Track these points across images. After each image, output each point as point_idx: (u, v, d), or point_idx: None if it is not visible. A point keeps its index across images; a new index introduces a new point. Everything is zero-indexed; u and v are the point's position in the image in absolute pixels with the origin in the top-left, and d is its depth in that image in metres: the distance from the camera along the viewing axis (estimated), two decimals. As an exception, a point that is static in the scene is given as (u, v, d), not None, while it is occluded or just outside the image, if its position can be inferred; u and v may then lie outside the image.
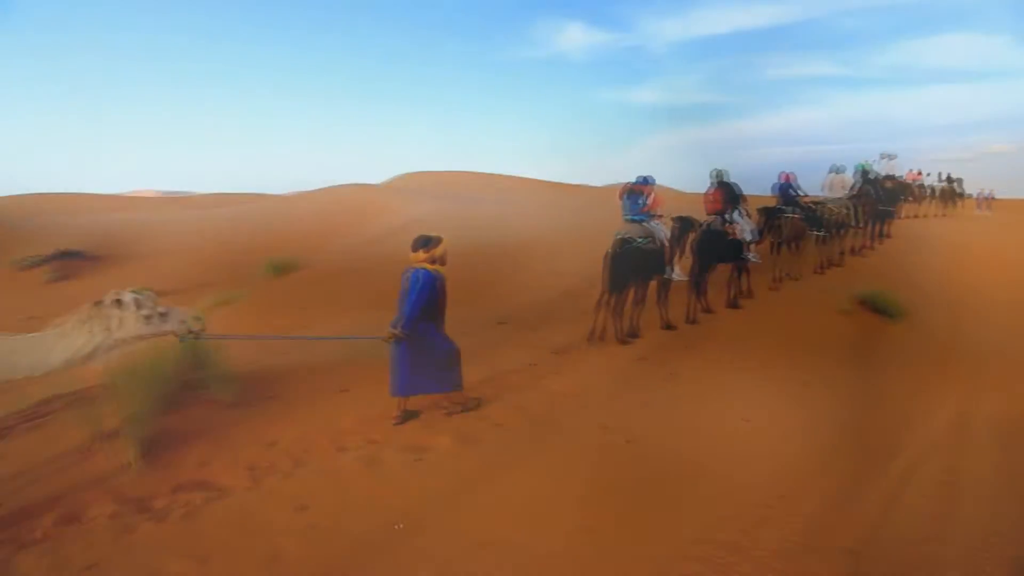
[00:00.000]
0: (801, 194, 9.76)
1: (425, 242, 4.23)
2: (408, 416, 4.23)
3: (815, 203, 10.15)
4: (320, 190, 27.99)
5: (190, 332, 3.20)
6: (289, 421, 4.20)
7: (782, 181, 9.68)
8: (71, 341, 2.91)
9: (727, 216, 7.95)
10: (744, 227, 8.19)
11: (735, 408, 4.80)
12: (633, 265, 6.59)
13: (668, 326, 7.24)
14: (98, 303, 2.97)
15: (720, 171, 8.09)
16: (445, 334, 4.34)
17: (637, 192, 7.04)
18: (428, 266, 4.21)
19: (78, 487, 3.35)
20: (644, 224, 6.95)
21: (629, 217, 7.05)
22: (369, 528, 2.89)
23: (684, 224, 7.55)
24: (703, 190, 8.47)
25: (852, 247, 11.23)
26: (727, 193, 7.98)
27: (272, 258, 14.37)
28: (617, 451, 3.83)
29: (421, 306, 4.07)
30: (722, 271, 8.22)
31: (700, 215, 8.52)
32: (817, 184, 10.76)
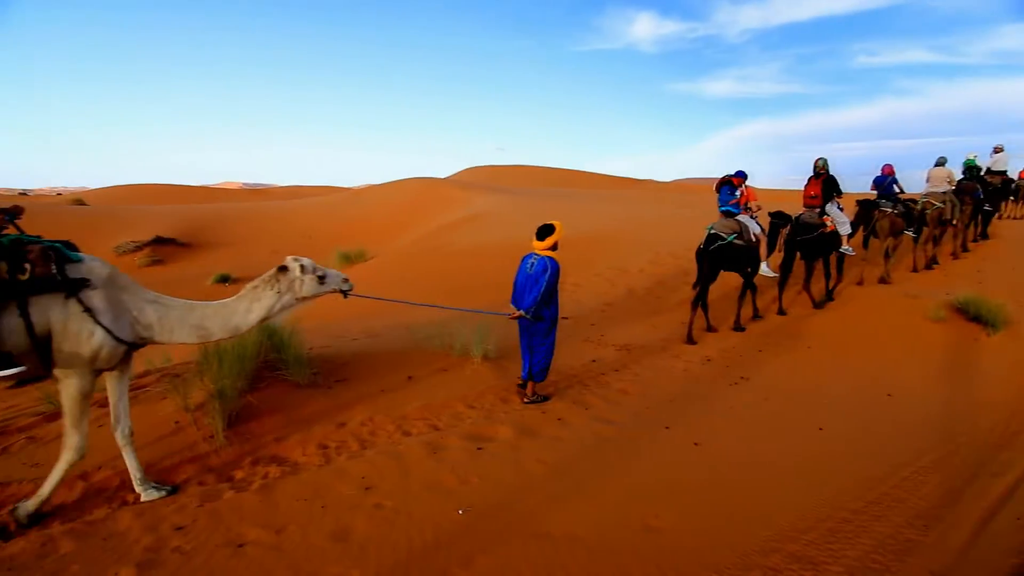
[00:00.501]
0: (901, 190, 9.12)
1: (547, 231, 4.48)
2: (540, 400, 4.56)
3: (913, 200, 9.44)
4: (388, 183, 28.96)
5: (344, 291, 3.64)
6: (357, 404, 4.37)
7: (884, 174, 9.07)
8: (264, 302, 3.38)
9: (824, 209, 7.74)
10: (840, 220, 7.93)
11: (809, 415, 4.55)
12: (724, 260, 6.70)
13: (739, 327, 7.19)
14: (282, 268, 3.40)
15: (825, 161, 7.79)
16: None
17: (731, 183, 7.08)
18: (550, 253, 4.49)
19: (171, 455, 3.64)
20: (737, 218, 6.95)
21: (723, 209, 7.06)
22: (432, 512, 2.96)
23: (780, 219, 7.52)
24: (777, 186, 8.10)
25: (952, 249, 10.34)
26: (827, 186, 7.73)
27: (342, 248, 15.08)
28: (681, 452, 3.72)
29: (546, 290, 4.35)
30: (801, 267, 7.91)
31: (780, 210, 8.16)
32: (913, 181, 9.90)
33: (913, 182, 9.41)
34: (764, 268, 7.20)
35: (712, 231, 6.77)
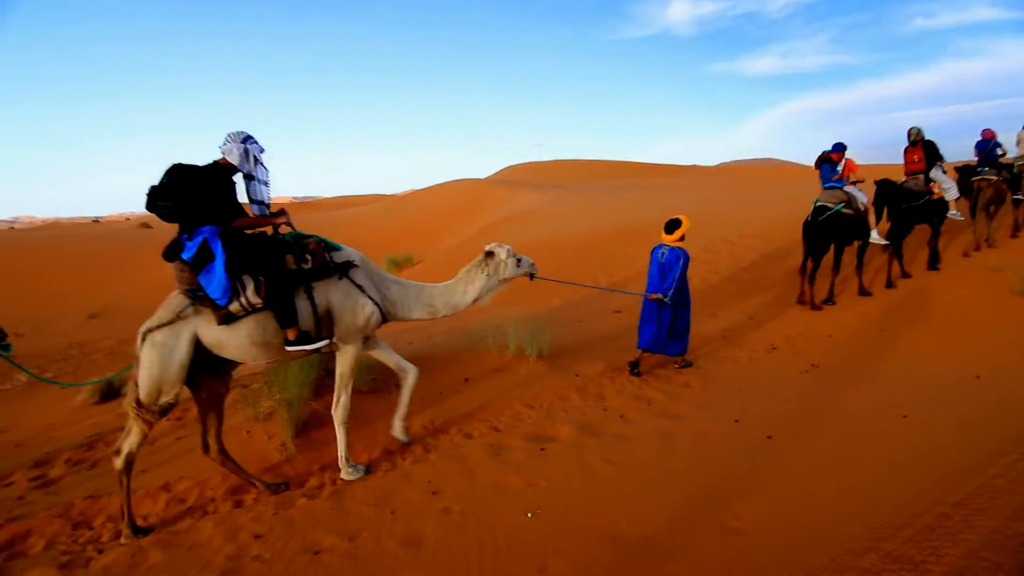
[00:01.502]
0: (1004, 153, 8.55)
1: (674, 225, 5.01)
2: (635, 368, 5.02)
3: (1009, 165, 8.80)
4: (429, 188, 29.36)
5: (532, 273, 4.11)
6: (417, 408, 4.40)
7: (984, 138, 8.53)
8: (476, 284, 3.93)
9: (930, 175, 7.59)
10: (946, 185, 7.68)
11: (891, 402, 4.25)
12: (833, 231, 6.78)
13: (864, 291, 7.27)
14: (488, 253, 3.94)
15: (919, 129, 7.69)
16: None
17: (831, 159, 7.08)
18: (680, 244, 5.04)
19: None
20: (842, 189, 6.98)
21: (827, 184, 7.08)
22: (500, 515, 2.92)
23: (885, 187, 7.42)
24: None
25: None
26: (929, 151, 7.59)
27: (390, 255, 15.39)
28: (754, 447, 3.54)
29: (681, 276, 4.92)
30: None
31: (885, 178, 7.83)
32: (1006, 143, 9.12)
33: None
34: (874, 236, 7.14)
35: (819, 203, 6.85)
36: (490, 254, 3.92)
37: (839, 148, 7.07)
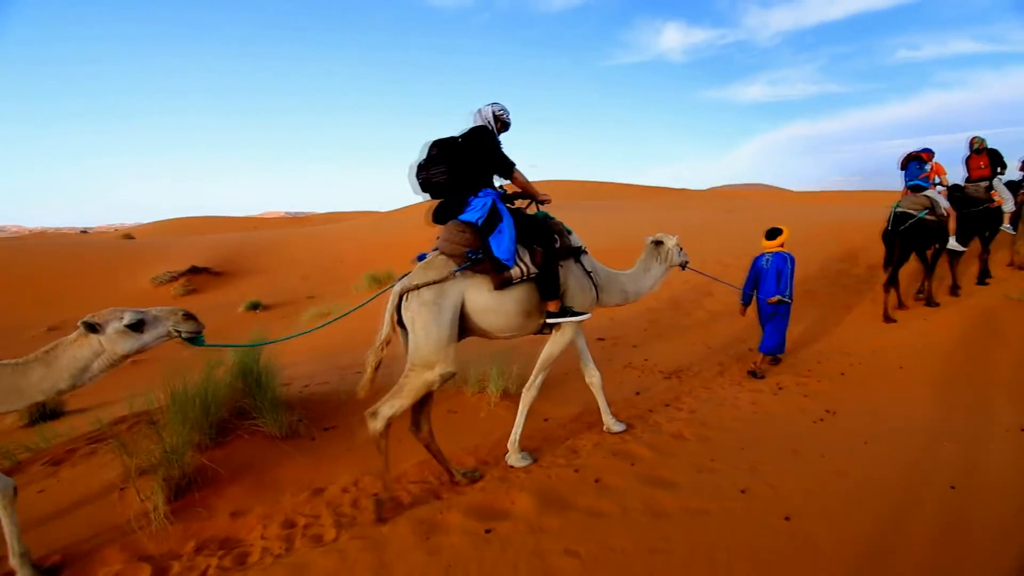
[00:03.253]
0: None
1: (776, 233, 5.43)
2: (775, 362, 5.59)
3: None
4: (416, 204, 28.62)
5: (684, 263, 4.48)
6: (343, 461, 3.52)
7: None
8: (653, 272, 4.30)
9: (991, 183, 7.41)
10: (1005, 195, 7.36)
11: (931, 464, 3.40)
12: (914, 238, 6.54)
13: (930, 302, 6.94)
14: (657, 242, 4.34)
15: (983, 138, 7.53)
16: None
17: (920, 157, 6.88)
18: (782, 249, 5.38)
19: (97, 535, 2.87)
20: (926, 193, 6.74)
21: (911, 183, 6.87)
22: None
23: (956, 192, 7.18)
24: (818, 188, 7.22)
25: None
26: (993, 158, 7.42)
27: (371, 271, 14.56)
28: (770, 533, 2.67)
29: (791, 277, 5.26)
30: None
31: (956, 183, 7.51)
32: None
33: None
34: (952, 242, 6.80)
35: (899, 209, 6.55)
36: (659, 243, 4.31)
37: (929, 151, 6.89)
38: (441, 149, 3.27)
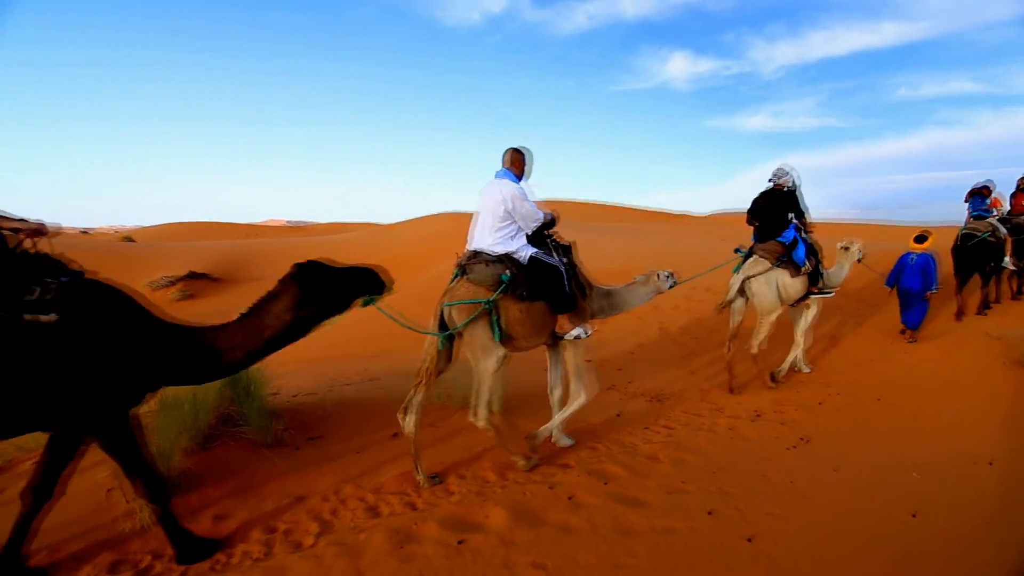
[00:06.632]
0: None
1: (923, 238, 7.00)
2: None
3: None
4: (417, 219, 28.81)
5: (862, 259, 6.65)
6: (325, 470, 3.62)
7: None
8: (843, 270, 6.39)
9: None
10: None
11: (895, 494, 3.51)
12: (979, 255, 7.77)
13: (984, 308, 8.08)
14: (845, 247, 6.41)
15: None
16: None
17: (982, 193, 8.21)
18: (927, 250, 6.94)
19: (85, 534, 2.96)
20: (988, 220, 7.99)
21: (975, 213, 8.16)
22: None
23: (1005, 223, 8.28)
24: (815, 219, 7.57)
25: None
26: None
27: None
28: (731, 553, 2.78)
29: (936, 273, 6.83)
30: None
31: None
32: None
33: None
34: (1007, 261, 8.05)
35: (966, 231, 7.85)
36: (850, 248, 6.45)
37: (989, 184, 8.25)
38: (766, 200, 5.85)
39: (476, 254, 3.72)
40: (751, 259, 5.75)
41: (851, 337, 7.60)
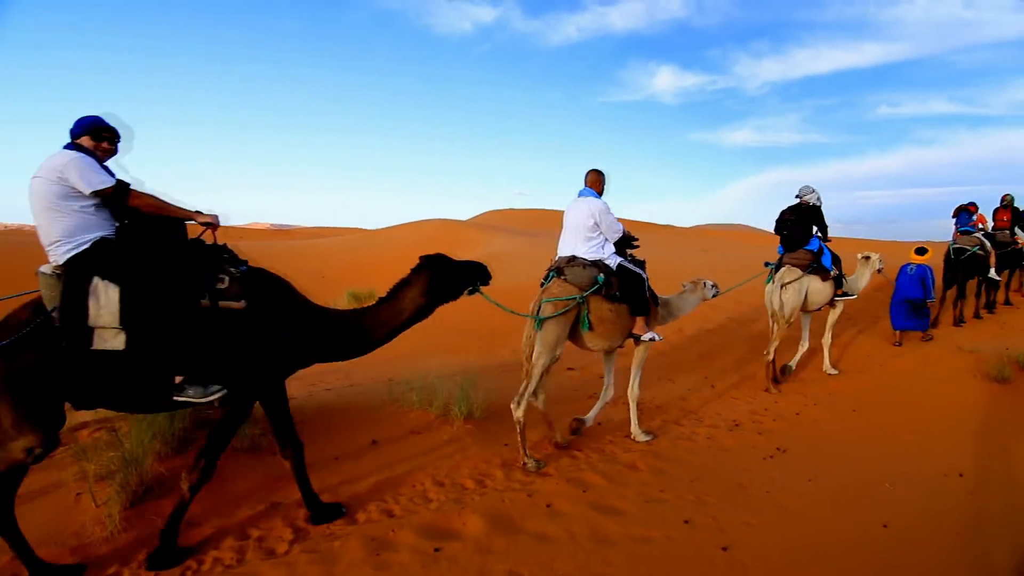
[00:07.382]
0: None
1: (923, 251, 7.60)
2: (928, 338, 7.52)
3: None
4: (404, 225, 28.69)
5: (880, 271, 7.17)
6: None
7: None
8: (863, 278, 6.99)
9: (1013, 230, 9.40)
10: None
11: (868, 504, 3.57)
12: (966, 267, 8.47)
13: (978, 315, 8.84)
14: (865, 257, 7.09)
15: (1012, 196, 9.47)
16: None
17: (969, 210, 8.96)
18: (926, 262, 7.54)
19: (52, 538, 2.88)
20: (975, 235, 8.69)
21: (962, 229, 8.85)
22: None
23: (988, 238, 8.92)
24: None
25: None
26: (1015, 215, 9.39)
27: (352, 289, 14.54)
28: (706, 561, 2.80)
29: (931, 283, 7.40)
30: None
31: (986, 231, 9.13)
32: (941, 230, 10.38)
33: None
34: (992, 273, 8.68)
35: (956, 246, 8.56)
36: (871, 257, 7.05)
37: (974, 203, 9.02)
38: (794, 213, 6.38)
39: (572, 259, 4.24)
40: (783, 268, 6.26)
41: (833, 348, 7.72)
